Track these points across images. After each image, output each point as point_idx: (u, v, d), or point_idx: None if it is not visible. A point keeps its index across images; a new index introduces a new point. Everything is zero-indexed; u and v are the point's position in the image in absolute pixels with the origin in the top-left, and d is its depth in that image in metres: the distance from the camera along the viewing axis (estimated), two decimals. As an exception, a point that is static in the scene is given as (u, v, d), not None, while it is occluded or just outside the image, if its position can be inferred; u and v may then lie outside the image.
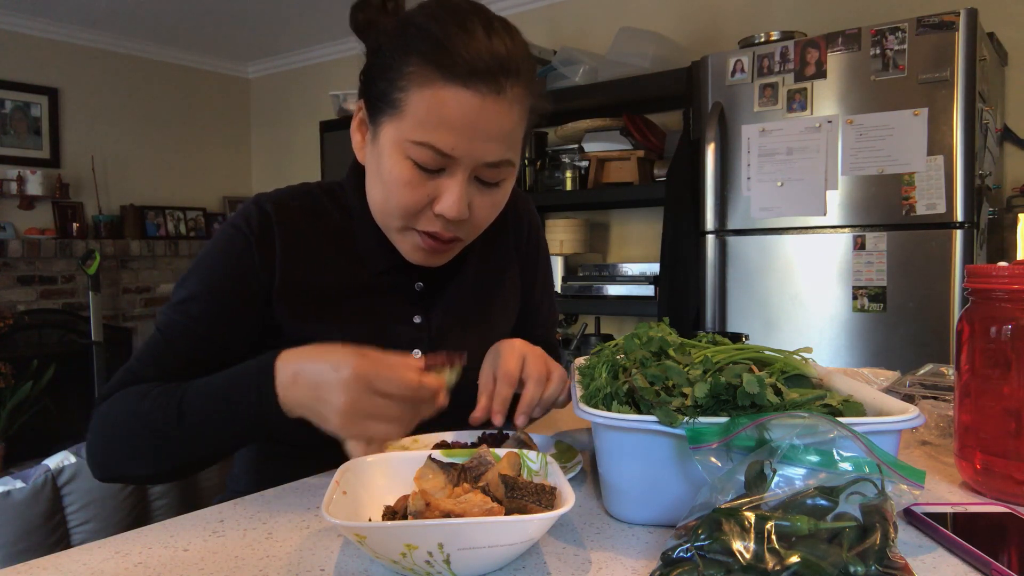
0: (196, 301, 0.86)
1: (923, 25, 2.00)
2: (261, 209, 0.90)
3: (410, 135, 0.79)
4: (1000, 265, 0.70)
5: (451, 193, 0.81)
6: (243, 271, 0.87)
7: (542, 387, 0.84)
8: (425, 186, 0.81)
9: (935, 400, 0.94)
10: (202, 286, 0.87)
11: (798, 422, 0.57)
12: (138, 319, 4.59)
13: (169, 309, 0.87)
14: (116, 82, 4.58)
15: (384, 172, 0.83)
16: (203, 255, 0.89)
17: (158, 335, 0.87)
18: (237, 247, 0.88)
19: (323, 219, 0.93)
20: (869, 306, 2.12)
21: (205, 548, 0.61)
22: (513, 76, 0.79)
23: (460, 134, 0.78)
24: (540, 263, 1.12)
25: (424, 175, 0.81)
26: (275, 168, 5.19)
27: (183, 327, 0.86)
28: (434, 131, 0.78)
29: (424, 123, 0.78)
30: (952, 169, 1.98)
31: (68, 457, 0.91)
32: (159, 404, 0.78)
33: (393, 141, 0.81)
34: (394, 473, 0.66)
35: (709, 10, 3.15)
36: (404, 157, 0.80)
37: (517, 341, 0.89)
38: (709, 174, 2.33)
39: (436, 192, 0.82)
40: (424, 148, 0.78)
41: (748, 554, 0.47)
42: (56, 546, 0.88)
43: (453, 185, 0.80)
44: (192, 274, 0.88)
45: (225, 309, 0.87)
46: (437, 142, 0.78)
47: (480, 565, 0.54)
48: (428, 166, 0.80)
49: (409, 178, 0.81)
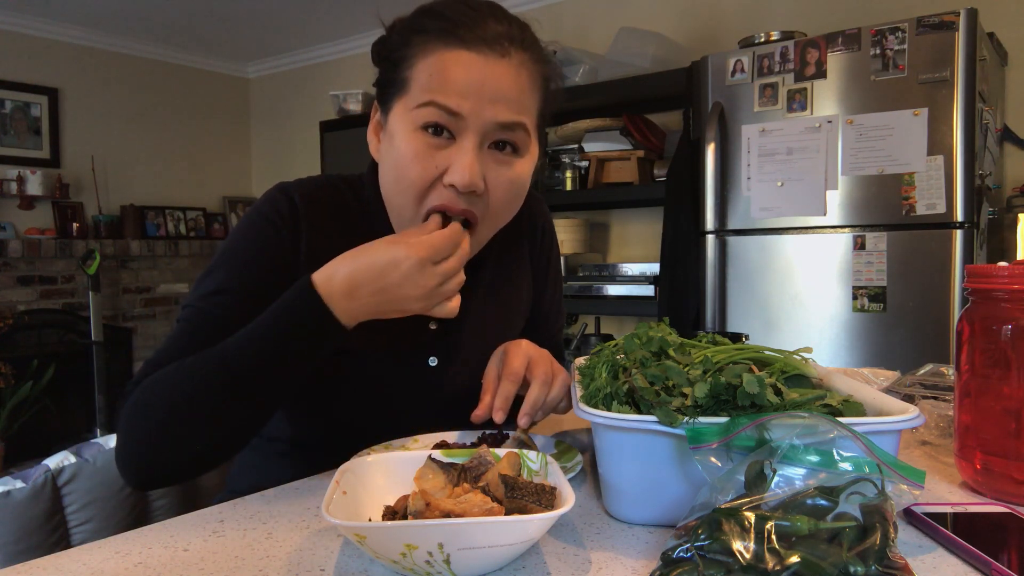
0: (229, 294, 0.82)
1: (923, 25, 2.00)
2: (290, 199, 0.88)
3: (416, 100, 0.79)
4: (1000, 265, 0.70)
5: (461, 159, 0.78)
6: (277, 263, 0.85)
7: (547, 389, 0.82)
8: (435, 157, 0.80)
9: (935, 400, 0.94)
10: (235, 278, 0.83)
11: (798, 422, 0.57)
12: (138, 319, 4.59)
13: (198, 301, 0.83)
14: (116, 82, 4.59)
15: (395, 155, 0.82)
16: (232, 245, 0.86)
17: (186, 326, 0.82)
18: (270, 239, 0.86)
19: (344, 216, 0.92)
20: (869, 306, 2.12)
21: (205, 548, 0.61)
22: (519, 45, 0.80)
23: (465, 92, 0.77)
24: (551, 267, 1.12)
25: (433, 145, 0.79)
26: (275, 168, 5.19)
27: (215, 319, 0.81)
28: (439, 91, 0.78)
29: (428, 86, 0.78)
30: (952, 169, 1.98)
31: (68, 457, 0.91)
32: (198, 369, 0.73)
33: (401, 117, 0.81)
34: (394, 473, 0.66)
35: (709, 10, 3.16)
36: (413, 129, 0.80)
37: (523, 342, 0.88)
38: (709, 174, 2.33)
39: (447, 163, 0.80)
40: (429, 107, 0.78)
41: (748, 554, 0.47)
42: (56, 546, 0.88)
43: (463, 151, 0.79)
44: (221, 265, 0.85)
45: (260, 302, 0.79)
46: (441, 99, 0.77)
47: (480, 565, 0.54)
48: (438, 123, 0.79)
49: (417, 149, 0.79)
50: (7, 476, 0.86)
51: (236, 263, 0.85)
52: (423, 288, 0.73)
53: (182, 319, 0.83)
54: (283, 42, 4.68)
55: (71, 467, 0.90)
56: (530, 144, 0.84)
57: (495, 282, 1.01)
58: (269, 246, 0.86)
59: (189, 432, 0.73)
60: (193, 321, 0.82)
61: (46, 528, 0.87)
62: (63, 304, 4.25)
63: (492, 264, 1.00)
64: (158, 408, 0.73)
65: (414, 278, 0.73)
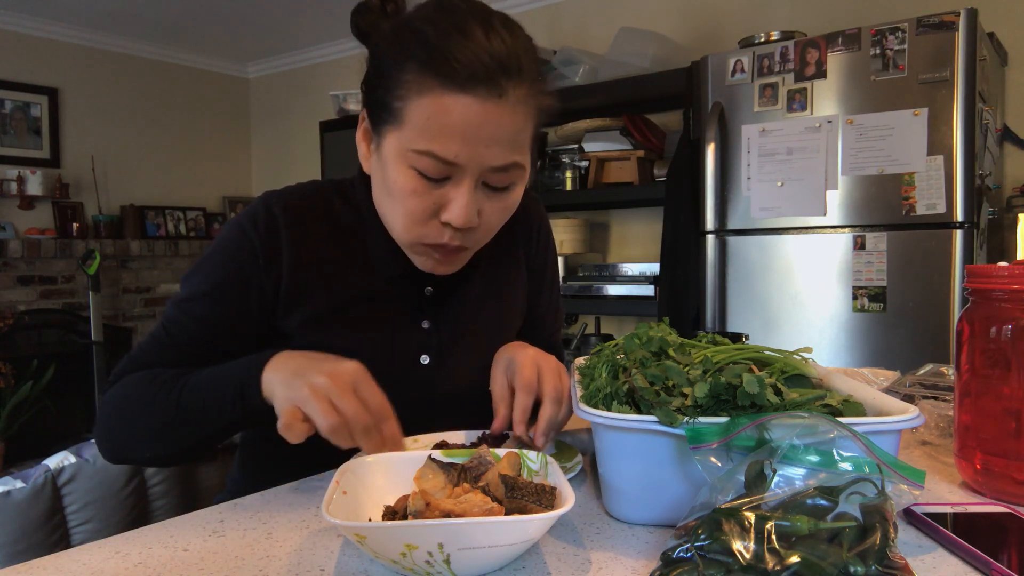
0: (198, 301, 0.87)
1: (923, 25, 2.00)
2: (269, 211, 0.89)
3: (411, 144, 0.77)
4: (1000, 265, 0.70)
5: (458, 201, 0.78)
6: (246, 277, 0.87)
7: (559, 407, 0.80)
8: (431, 194, 0.79)
9: (935, 400, 0.94)
10: (204, 287, 0.87)
11: (798, 422, 0.57)
12: (138, 319, 4.59)
13: (173, 304, 0.88)
14: (116, 82, 4.58)
15: (389, 183, 0.81)
16: (210, 253, 0.89)
17: (162, 330, 0.88)
18: (243, 252, 0.87)
19: (333, 221, 0.92)
20: (869, 306, 2.12)
21: (205, 548, 0.61)
22: (515, 77, 0.76)
23: (462, 141, 0.76)
24: (548, 269, 1.11)
25: (429, 184, 0.79)
26: (275, 168, 5.19)
27: (184, 326, 0.87)
28: (435, 140, 0.76)
29: (424, 132, 0.76)
30: (952, 169, 1.98)
31: (68, 457, 0.91)
32: (163, 388, 0.80)
33: (395, 151, 0.79)
34: (394, 473, 0.66)
35: (709, 10, 3.15)
36: (407, 167, 0.79)
37: (530, 348, 0.87)
38: (709, 174, 2.33)
39: (443, 200, 0.79)
40: (426, 157, 0.76)
41: (748, 554, 0.47)
42: (56, 546, 0.88)
43: (460, 193, 0.78)
44: (197, 272, 0.89)
45: (226, 313, 0.87)
46: (439, 151, 0.76)
47: (480, 565, 0.54)
48: (432, 175, 0.78)
49: (414, 187, 0.79)
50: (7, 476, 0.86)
51: (208, 273, 0.88)
52: (331, 375, 0.70)
53: (162, 320, 0.89)
54: (283, 42, 4.68)
55: (71, 467, 0.90)
56: (524, 173, 0.84)
57: (489, 281, 1.01)
58: (242, 261, 0.87)
59: (143, 440, 0.82)
60: (167, 326, 0.88)
61: (46, 528, 0.87)
62: (63, 304, 4.25)
63: (486, 263, 1.00)
64: (123, 412, 0.83)
65: (341, 369, 0.71)
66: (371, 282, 0.92)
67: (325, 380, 0.69)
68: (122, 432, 0.83)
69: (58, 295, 4.24)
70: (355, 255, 0.92)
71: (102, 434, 0.84)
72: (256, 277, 0.87)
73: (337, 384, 0.69)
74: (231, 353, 0.86)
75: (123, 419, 0.83)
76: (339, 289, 0.90)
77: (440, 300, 0.95)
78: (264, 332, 0.90)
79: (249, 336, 0.89)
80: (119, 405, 0.83)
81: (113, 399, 0.84)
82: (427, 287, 0.95)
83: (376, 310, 0.92)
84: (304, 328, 0.89)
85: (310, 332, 0.89)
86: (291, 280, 0.88)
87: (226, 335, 0.87)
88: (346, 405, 0.68)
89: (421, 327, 0.94)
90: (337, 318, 0.89)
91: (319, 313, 0.89)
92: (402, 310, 0.93)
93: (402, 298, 0.93)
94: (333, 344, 0.87)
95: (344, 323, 0.90)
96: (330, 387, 0.69)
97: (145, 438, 0.81)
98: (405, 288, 0.93)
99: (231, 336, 0.88)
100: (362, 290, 0.91)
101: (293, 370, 0.73)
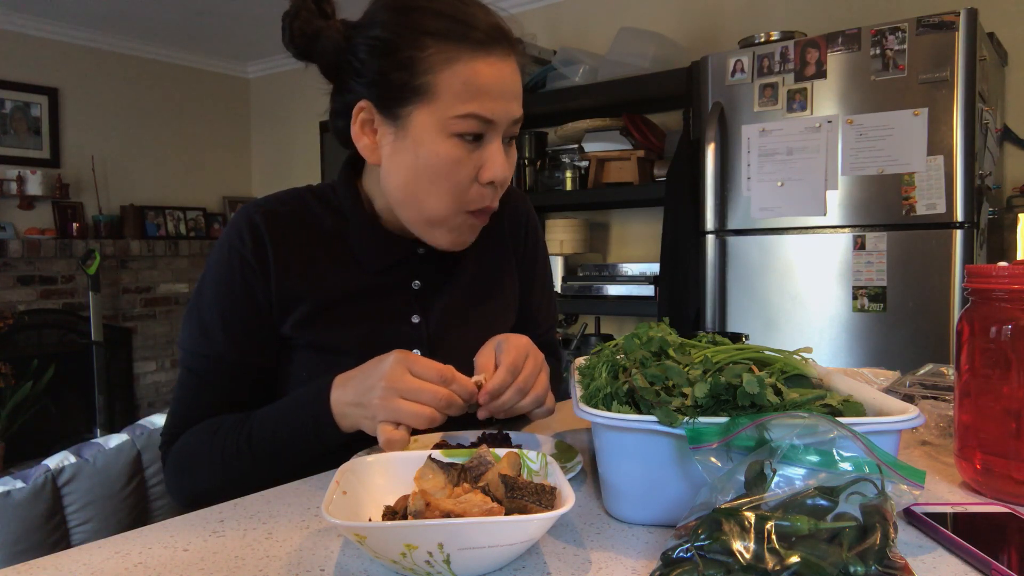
0: (212, 331, 0.88)
1: (923, 25, 2.00)
2: (250, 221, 0.90)
3: (451, 111, 0.82)
4: (1000, 265, 0.70)
5: (497, 157, 0.85)
6: (249, 288, 0.88)
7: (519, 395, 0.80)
8: (471, 159, 0.84)
9: (935, 400, 0.94)
10: (214, 314, 0.88)
11: (798, 422, 0.57)
12: (138, 319, 4.59)
13: (189, 344, 0.89)
14: (116, 82, 4.59)
15: (426, 160, 0.84)
16: (205, 283, 0.90)
17: (188, 375, 0.89)
18: (237, 266, 0.89)
19: (314, 224, 0.93)
20: (869, 306, 2.12)
21: (205, 548, 0.61)
22: (511, 37, 0.85)
23: (497, 98, 0.83)
24: (538, 264, 1.12)
25: (469, 148, 0.84)
26: (275, 168, 5.19)
27: (210, 360, 0.88)
28: (474, 101, 0.81)
29: (462, 96, 0.81)
30: (952, 169, 1.98)
31: (68, 457, 0.91)
32: (230, 440, 0.83)
33: (432, 125, 0.83)
34: (394, 473, 0.66)
35: (709, 10, 3.16)
36: (448, 136, 0.83)
37: (526, 339, 0.87)
38: (709, 174, 2.33)
39: (480, 162, 0.85)
40: (469, 119, 0.82)
41: (748, 554, 0.47)
42: (56, 546, 0.88)
43: (495, 150, 0.85)
44: (198, 305, 0.90)
45: (244, 328, 0.88)
46: (480, 110, 0.82)
47: (480, 565, 0.54)
48: (474, 133, 0.83)
49: (458, 155, 0.83)
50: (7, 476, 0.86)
51: (212, 300, 0.89)
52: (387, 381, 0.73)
53: (182, 365, 0.90)
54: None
55: (71, 467, 0.90)
56: None
57: (478, 275, 1.01)
58: (240, 274, 0.89)
59: (222, 490, 0.82)
60: (193, 368, 0.89)
61: (46, 528, 0.87)
62: (63, 304, 4.25)
63: (474, 259, 1.01)
64: (194, 471, 0.85)
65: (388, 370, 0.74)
66: (357, 280, 0.92)
67: (387, 385, 0.73)
68: (196, 487, 0.86)
69: (58, 295, 4.24)
70: (339, 255, 0.93)
71: (176, 491, 0.88)
72: (256, 285, 0.89)
73: (400, 383, 0.73)
74: (263, 366, 0.90)
75: (195, 477, 0.85)
76: (326, 288, 0.91)
77: (429, 295, 0.96)
78: (277, 334, 0.91)
79: (271, 343, 0.91)
80: (189, 466, 0.86)
81: (178, 455, 0.86)
82: (415, 281, 0.95)
83: (365, 307, 0.92)
84: (297, 330, 0.90)
85: (303, 333, 0.90)
86: (279, 285, 0.89)
87: (253, 351, 0.89)
88: (422, 395, 0.73)
89: (411, 321, 0.94)
90: (326, 317, 0.90)
91: (309, 314, 0.90)
92: (391, 306, 0.94)
93: (390, 294, 0.94)
94: (326, 343, 0.89)
95: (334, 321, 0.90)
96: (397, 388, 0.72)
97: (223, 488, 0.82)
98: (393, 283, 0.94)
99: (258, 351, 0.90)
100: (349, 288, 0.92)
101: (355, 392, 0.76)
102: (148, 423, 1.02)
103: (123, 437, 0.98)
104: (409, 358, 0.75)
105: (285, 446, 0.82)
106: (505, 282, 1.05)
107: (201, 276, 0.91)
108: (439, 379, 0.74)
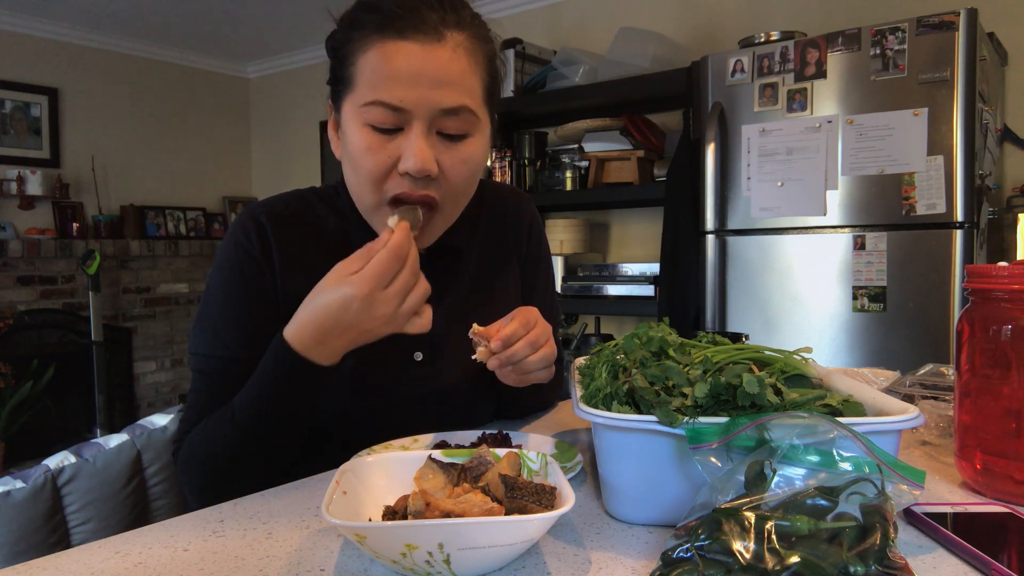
0: (225, 331, 0.88)
1: (923, 25, 2.00)
2: (256, 219, 0.91)
3: (362, 99, 0.80)
4: (1000, 265, 0.70)
5: (411, 147, 0.80)
6: (258, 285, 0.89)
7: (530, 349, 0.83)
8: (386, 148, 0.81)
9: (935, 400, 0.94)
10: (225, 314, 0.88)
11: (798, 422, 0.57)
12: (138, 319, 4.59)
13: (203, 348, 0.89)
14: (116, 82, 4.59)
15: (350, 148, 0.84)
16: (214, 283, 0.90)
17: (200, 378, 0.89)
18: (245, 264, 0.89)
19: (318, 225, 0.94)
20: (869, 306, 2.12)
21: (205, 548, 0.61)
22: (452, 25, 0.81)
23: (407, 85, 0.79)
24: (541, 267, 1.11)
25: (383, 137, 0.81)
26: (275, 168, 5.19)
27: (222, 361, 0.88)
28: (380, 87, 0.79)
29: (371, 83, 0.80)
30: (952, 169, 1.98)
31: (68, 457, 0.91)
32: (216, 433, 0.83)
33: (350, 115, 0.83)
34: (394, 473, 0.66)
35: (709, 10, 3.15)
36: (361, 125, 0.82)
37: (534, 309, 0.88)
38: (709, 174, 2.33)
39: (398, 152, 0.82)
40: (375, 107, 0.80)
41: (748, 554, 0.47)
42: (56, 546, 0.88)
43: (412, 139, 0.81)
44: (208, 308, 0.89)
45: (256, 324, 0.88)
46: (385, 97, 0.79)
47: (480, 565, 0.54)
48: (384, 125, 0.80)
49: (368, 143, 0.81)
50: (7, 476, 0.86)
51: (221, 300, 0.89)
52: (382, 317, 0.75)
53: (194, 369, 0.90)
54: (283, 42, 4.68)
55: (71, 467, 0.90)
56: (479, 123, 0.85)
57: (480, 277, 1.01)
58: (249, 273, 0.89)
59: (226, 480, 0.83)
60: (204, 371, 0.88)
61: (46, 528, 0.87)
62: (63, 304, 4.25)
63: (476, 259, 1.01)
64: (197, 470, 0.85)
65: (369, 312, 0.75)
66: None
67: (381, 311, 0.75)
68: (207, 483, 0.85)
69: (58, 295, 4.24)
70: (342, 256, 0.92)
71: (191, 492, 0.87)
72: (264, 282, 0.89)
73: (384, 303, 0.75)
74: None
75: (204, 472, 0.85)
76: None
77: (431, 297, 0.96)
78: None
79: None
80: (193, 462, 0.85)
81: (185, 461, 0.86)
82: None
83: None
84: None
85: None
86: (285, 284, 0.89)
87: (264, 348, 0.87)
88: (404, 289, 0.75)
89: None
90: None
91: None
92: None
93: None
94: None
95: None
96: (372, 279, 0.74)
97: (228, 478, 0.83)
98: None
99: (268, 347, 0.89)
100: None
101: (328, 318, 0.76)
102: (148, 423, 1.02)
103: (123, 437, 0.98)
104: (369, 285, 0.74)
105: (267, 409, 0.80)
106: (508, 283, 1.05)
107: (208, 281, 0.91)
108: (397, 259, 0.74)
